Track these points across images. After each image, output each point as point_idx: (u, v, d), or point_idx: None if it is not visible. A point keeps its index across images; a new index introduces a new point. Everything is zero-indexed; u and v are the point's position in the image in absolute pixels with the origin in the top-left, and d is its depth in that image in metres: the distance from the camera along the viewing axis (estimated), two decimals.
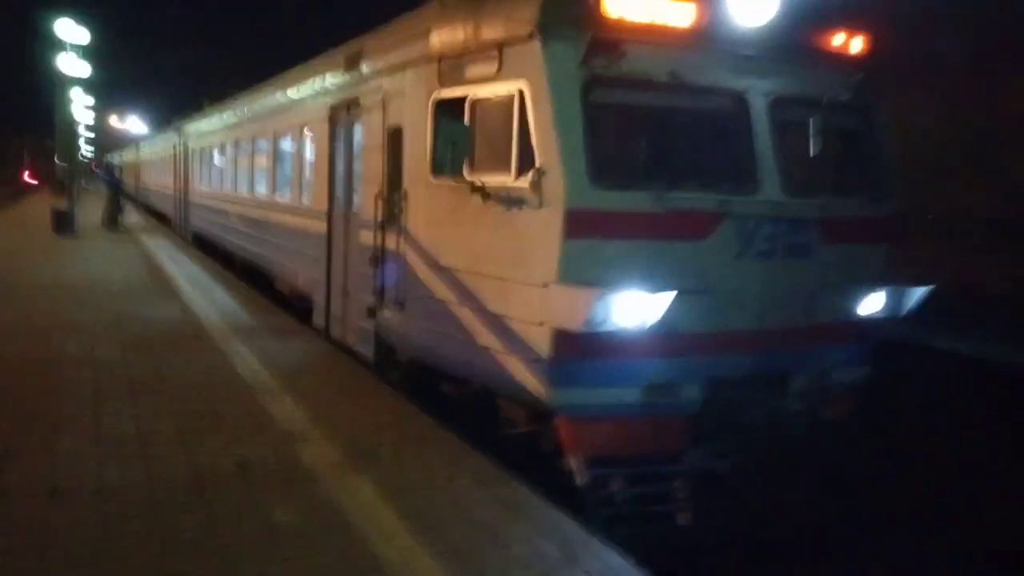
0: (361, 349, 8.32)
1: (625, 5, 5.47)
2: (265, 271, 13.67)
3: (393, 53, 7.52)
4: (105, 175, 30.27)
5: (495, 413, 6.56)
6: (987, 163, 17.30)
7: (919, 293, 6.43)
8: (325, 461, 5.49)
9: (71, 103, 31.88)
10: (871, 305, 6.36)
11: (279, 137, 12.19)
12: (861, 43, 6.40)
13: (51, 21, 25.33)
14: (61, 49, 26.33)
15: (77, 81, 29.96)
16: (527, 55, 5.61)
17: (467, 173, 6.02)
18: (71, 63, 26.77)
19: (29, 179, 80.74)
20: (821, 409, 6.33)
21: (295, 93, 11.05)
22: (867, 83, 6.42)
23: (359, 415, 6.60)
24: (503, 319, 5.85)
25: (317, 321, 9.99)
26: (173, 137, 26.11)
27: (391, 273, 7.46)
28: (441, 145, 6.59)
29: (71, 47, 26.36)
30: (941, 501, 7.10)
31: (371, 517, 4.62)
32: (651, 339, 5.39)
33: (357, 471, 5.32)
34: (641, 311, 5.18)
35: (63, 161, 31.74)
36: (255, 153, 13.82)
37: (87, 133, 68.57)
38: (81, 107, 45.54)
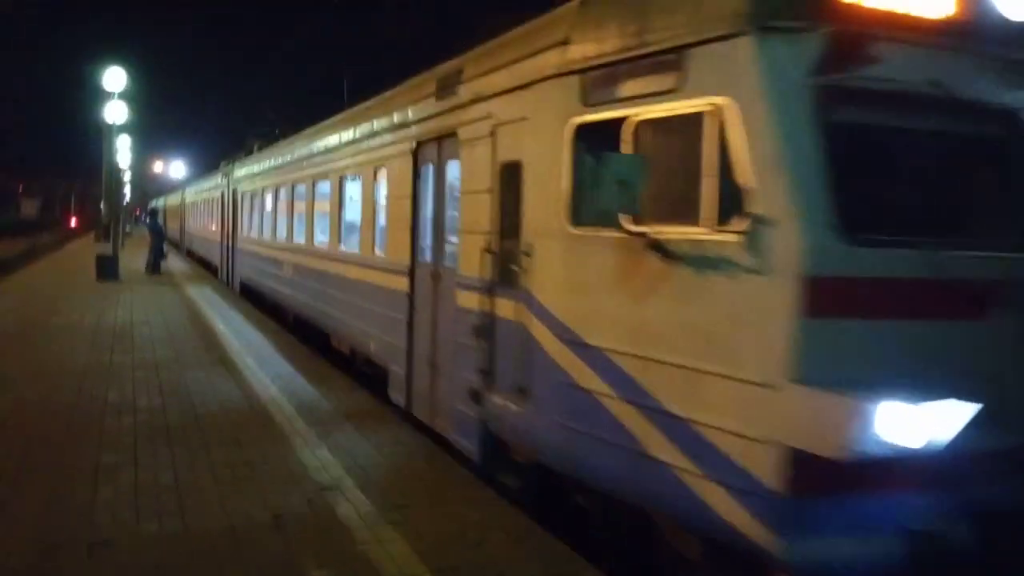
0: (460, 440, 6.68)
1: None
2: (322, 328, 12.21)
3: (507, 71, 6.01)
4: (149, 221, 30.08)
5: (647, 532, 4.89)
6: None
7: None
8: None
9: (116, 150, 32.43)
10: None
11: (345, 180, 10.78)
12: None
13: (96, 71, 26.23)
14: (106, 98, 26.94)
15: (122, 128, 30.50)
16: (728, 60, 4.05)
17: (627, 222, 4.43)
18: (116, 111, 27.35)
19: (74, 224, 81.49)
20: None
21: (366, 129, 9.63)
22: None
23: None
24: (693, 426, 4.19)
25: (395, 396, 8.40)
26: (220, 181, 25.11)
27: (507, 349, 5.86)
28: (584, 185, 5.02)
29: (116, 95, 26.86)
30: None
31: None
32: (928, 465, 3.69)
33: None
34: (929, 426, 3.50)
35: (108, 206, 31.72)
36: (314, 198, 12.43)
37: (130, 179, 69.12)
38: (125, 153, 46.24)
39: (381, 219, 9.32)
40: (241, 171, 21.24)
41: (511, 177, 5.89)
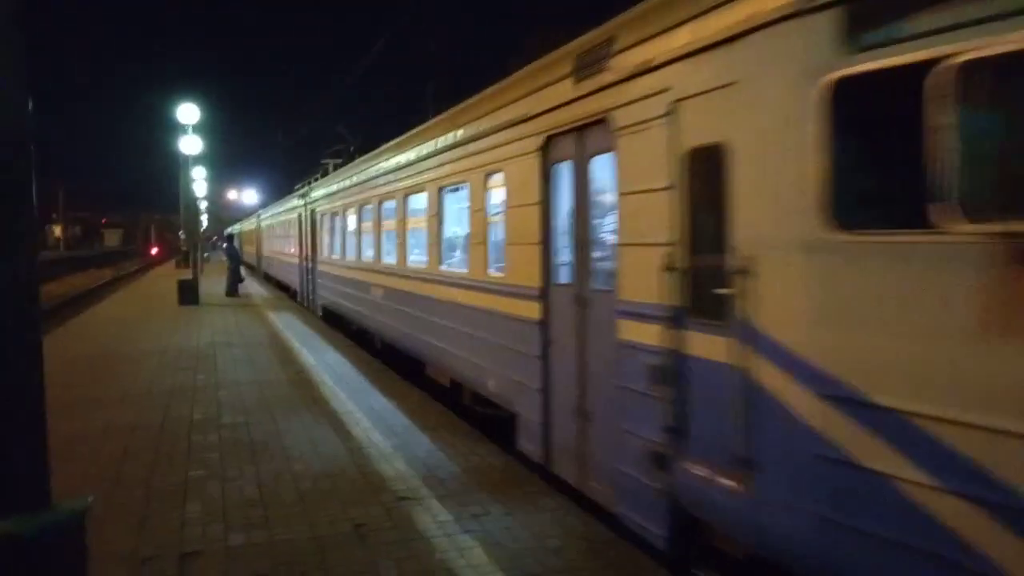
0: (633, 517, 5.11)
1: None
2: (416, 356, 10.86)
3: (695, 26, 4.46)
4: (226, 247, 30.71)
5: None
6: None
7: None
8: None
9: (193, 180, 33.35)
10: None
11: (444, 191, 9.41)
12: None
13: (172, 106, 27.46)
14: (182, 131, 28.38)
15: (197, 160, 31.73)
16: None
17: (964, 216, 2.85)
18: (191, 144, 28.76)
19: (156, 252, 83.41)
20: None
21: (470, 131, 8.22)
22: None
23: None
24: None
25: (526, 446, 6.92)
26: (296, 203, 24.29)
27: (712, 402, 4.29)
28: (854, 169, 3.44)
29: (191, 129, 28.01)
30: None
31: None
32: None
33: None
34: None
35: (187, 235, 32.62)
36: (406, 214, 11.11)
37: (206, 207, 70.45)
38: (201, 183, 47.22)
39: (496, 233, 7.88)
40: (319, 191, 20.26)
41: (707, 167, 4.35)
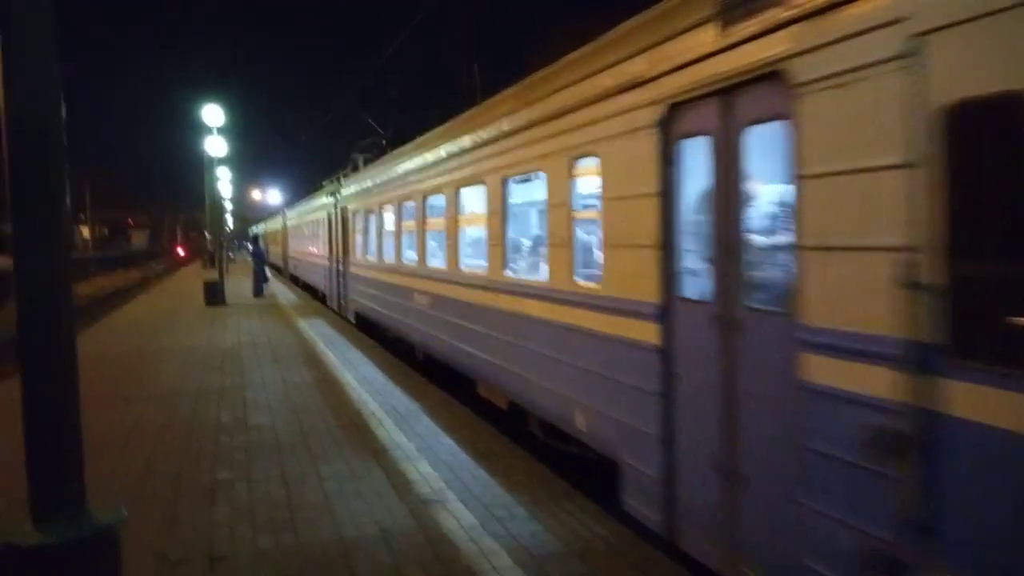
0: None
1: None
2: (466, 372, 9.44)
3: None
4: (252, 246, 30.89)
5: None
6: None
7: None
8: None
9: (218, 180, 33.38)
10: None
11: (509, 183, 7.92)
12: None
13: (197, 107, 27.41)
14: (207, 133, 28.49)
15: (222, 161, 31.76)
16: None
17: None
18: (216, 145, 28.86)
19: (181, 253, 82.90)
20: None
21: (553, 105, 6.71)
22: None
23: None
24: None
25: (635, 506, 5.41)
26: (326, 200, 22.93)
27: (1000, 495, 2.77)
28: None
29: (216, 131, 28.06)
30: None
31: None
32: None
33: None
34: None
35: (213, 235, 32.48)
36: (458, 211, 9.63)
37: (231, 208, 70.00)
38: (226, 183, 46.92)
39: (586, 232, 6.40)
40: (351, 188, 18.86)
41: (983, 130, 2.83)
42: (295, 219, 35.25)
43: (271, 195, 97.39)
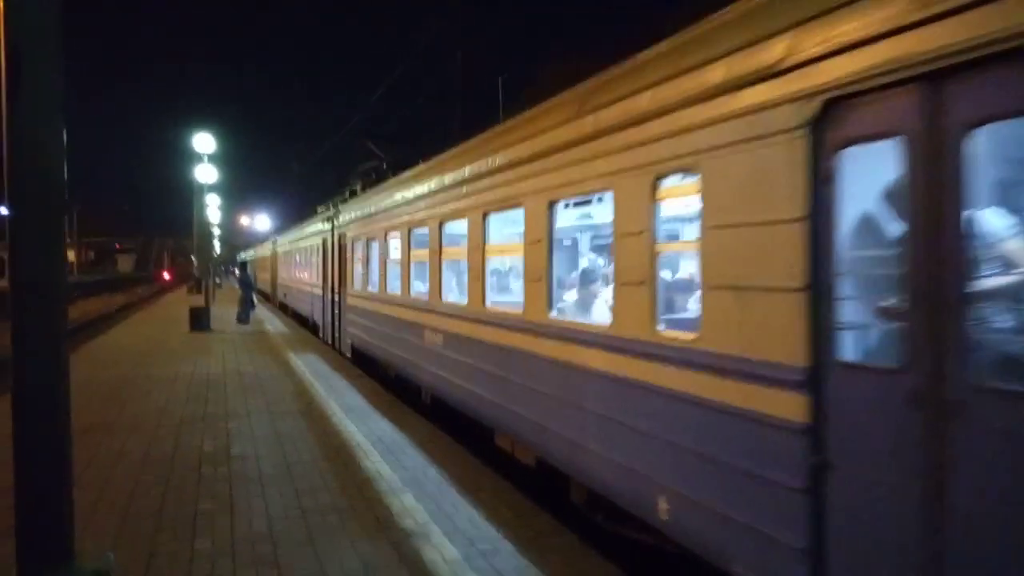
0: None
1: None
2: (484, 420, 8.13)
3: None
4: (239, 274, 29.60)
5: None
6: None
7: None
8: None
9: (206, 206, 32.58)
10: None
11: (560, 205, 6.63)
12: None
13: (187, 136, 27.31)
14: (196, 160, 28.42)
15: (211, 188, 32.03)
16: None
17: None
18: (205, 172, 28.76)
19: (168, 278, 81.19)
20: None
21: (632, 108, 5.40)
22: None
23: None
24: None
25: None
26: (322, 227, 21.59)
27: None
28: None
29: (206, 158, 28.03)
30: None
31: None
32: None
33: None
34: None
35: (200, 261, 31.94)
36: (484, 239, 8.31)
37: (219, 234, 68.88)
38: (214, 210, 46.25)
39: (672, 268, 5.12)
40: (351, 213, 17.52)
41: None
42: (287, 245, 33.80)
43: (259, 221, 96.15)
